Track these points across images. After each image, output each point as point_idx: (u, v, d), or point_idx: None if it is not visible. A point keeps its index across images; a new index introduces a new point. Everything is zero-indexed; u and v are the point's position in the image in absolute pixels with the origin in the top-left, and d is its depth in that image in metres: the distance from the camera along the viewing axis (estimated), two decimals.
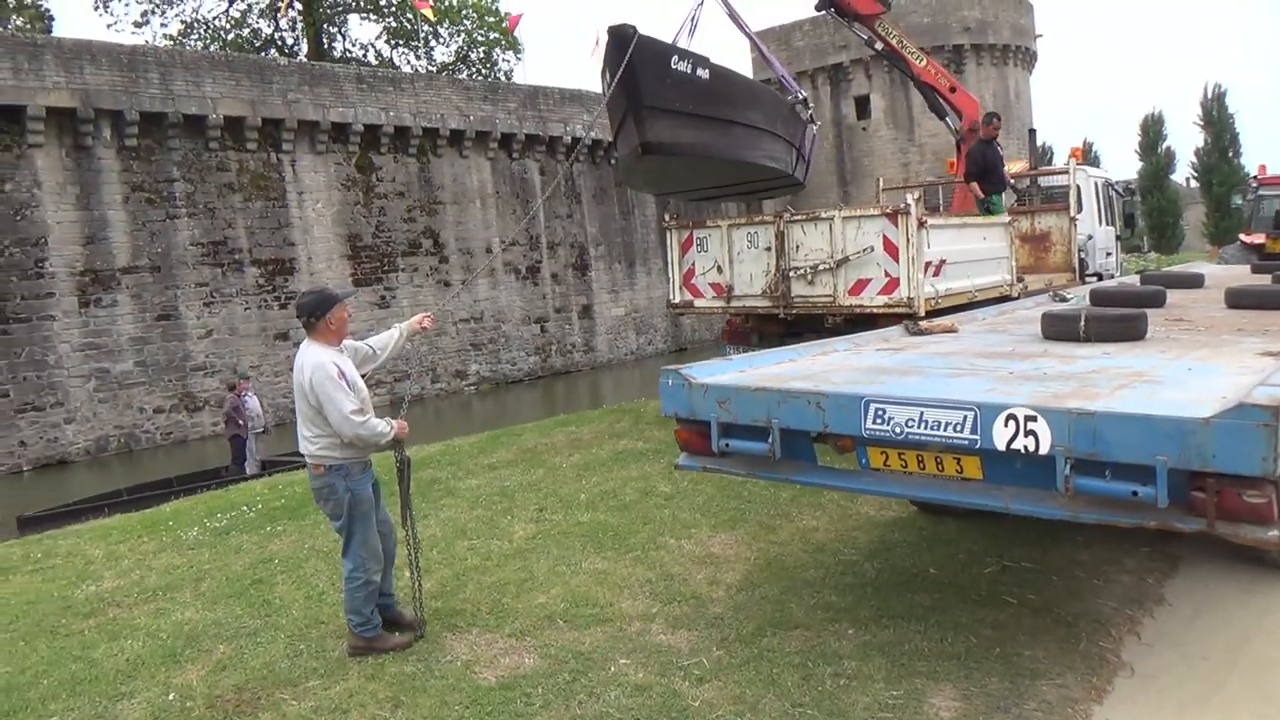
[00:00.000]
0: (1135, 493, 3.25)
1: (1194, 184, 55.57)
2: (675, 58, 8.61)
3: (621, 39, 8.17)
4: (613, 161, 29.53)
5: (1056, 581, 5.02)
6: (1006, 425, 3.48)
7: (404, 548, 4.85)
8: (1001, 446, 3.49)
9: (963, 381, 4.17)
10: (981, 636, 4.36)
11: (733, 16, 11.53)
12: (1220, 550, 5.10)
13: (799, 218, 8.43)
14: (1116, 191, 13.91)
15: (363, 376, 4.58)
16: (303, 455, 4.52)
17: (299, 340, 18.18)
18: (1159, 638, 4.39)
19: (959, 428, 3.60)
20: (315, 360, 4.30)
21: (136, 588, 5.76)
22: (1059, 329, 5.39)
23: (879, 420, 3.80)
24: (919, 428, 3.69)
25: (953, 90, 13.80)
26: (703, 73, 8.82)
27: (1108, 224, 13.15)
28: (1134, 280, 9.73)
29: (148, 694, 4.25)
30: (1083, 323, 5.25)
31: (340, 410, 4.22)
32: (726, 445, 4.31)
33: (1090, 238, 12.24)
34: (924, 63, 14.13)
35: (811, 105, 11.85)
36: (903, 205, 7.74)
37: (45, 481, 18.19)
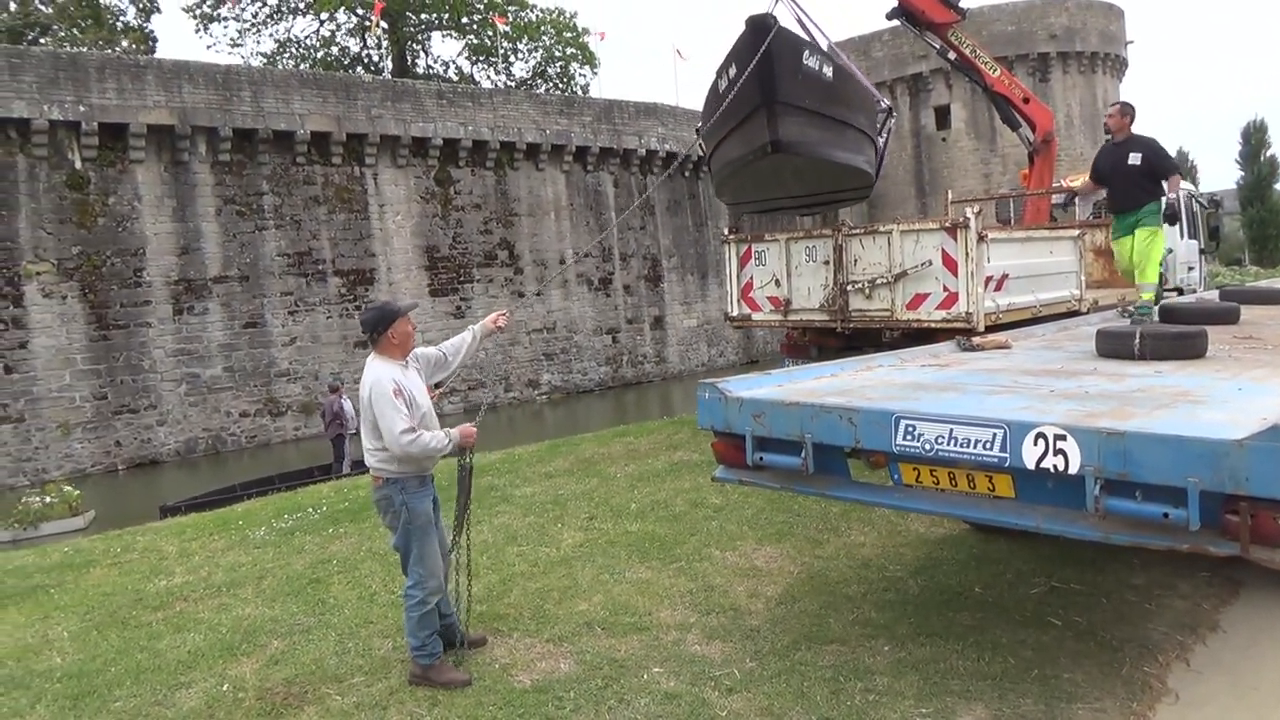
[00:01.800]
0: (1167, 515, 3.18)
1: None
2: (807, 52, 8.52)
3: (760, 28, 8.00)
4: (705, 169, 29.67)
5: (1106, 604, 4.90)
6: (1036, 444, 3.44)
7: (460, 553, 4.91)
8: (1031, 465, 3.45)
9: (999, 399, 4.12)
10: (1020, 657, 4.29)
11: (803, 24, 11.44)
12: None
13: (857, 231, 8.38)
14: (1201, 204, 13.38)
15: (438, 385, 4.61)
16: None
17: None
18: (1209, 664, 4.25)
19: (989, 445, 3.57)
20: (375, 376, 4.35)
21: (204, 583, 6.07)
22: (1113, 346, 5.26)
23: (909, 436, 3.79)
24: (949, 444, 3.67)
25: (1026, 101, 13.50)
26: (828, 70, 8.71)
27: (1190, 237, 12.67)
28: (1213, 295, 9.38)
29: (204, 684, 4.49)
30: (1137, 340, 5.12)
31: (391, 429, 4.24)
32: (761, 459, 4.34)
33: (1170, 251, 11.81)
34: (997, 73, 13.86)
35: (895, 114, 11.77)
36: (962, 219, 7.63)
37: (139, 480, 19.13)
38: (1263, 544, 3.10)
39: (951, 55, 13.73)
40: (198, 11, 35.91)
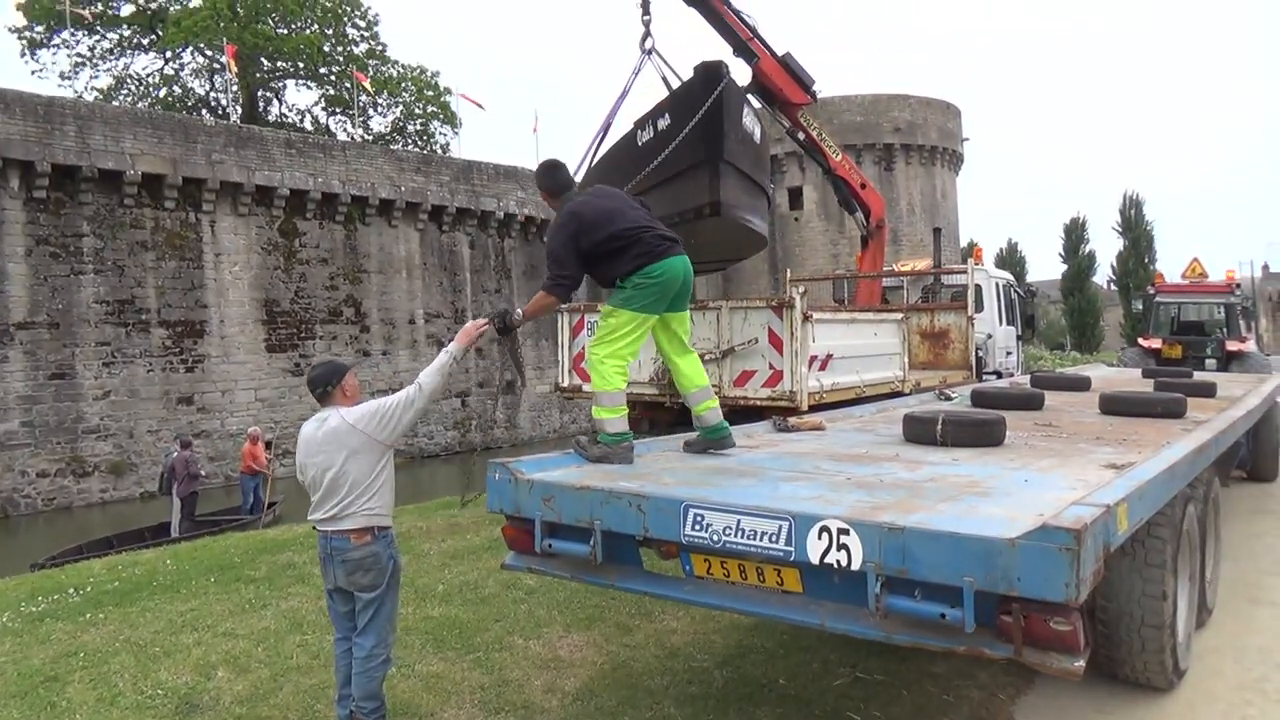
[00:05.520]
0: (944, 615, 3.06)
1: (1114, 287, 57.85)
2: (746, 109, 8.04)
3: (712, 76, 7.39)
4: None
5: (906, 696, 4.79)
6: (820, 538, 3.29)
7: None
8: (815, 560, 3.29)
9: (793, 487, 3.98)
10: None
11: (667, 81, 11.46)
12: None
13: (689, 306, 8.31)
14: (1018, 292, 14.22)
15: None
16: (328, 527, 4.13)
17: (203, 405, 17.49)
18: None
19: (774, 538, 3.40)
20: (357, 411, 4.21)
21: None
22: (918, 432, 5.27)
23: (698, 527, 3.58)
24: (736, 536, 3.48)
25: (863, 186, 14.07)
26: (758, 131, 8.29)
27: (1009, 324, 13.39)
28: (1025, 380, 9.81)
29: None
30: (939, 426, 5.15)
31: (405, 407, 4.23)
32: (550, 545, 4.04)
33: (990, 336, 12.42)
34: (839, 156, 14.41)
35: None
36: (787, 297, 7.68)
37: None
38: (1035, 646, 3.01)
39: (800, 135, 14.19)
40: (26, 35, 33.65)
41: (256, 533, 10.74)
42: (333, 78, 37.36)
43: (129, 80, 36.26)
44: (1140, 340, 17.14)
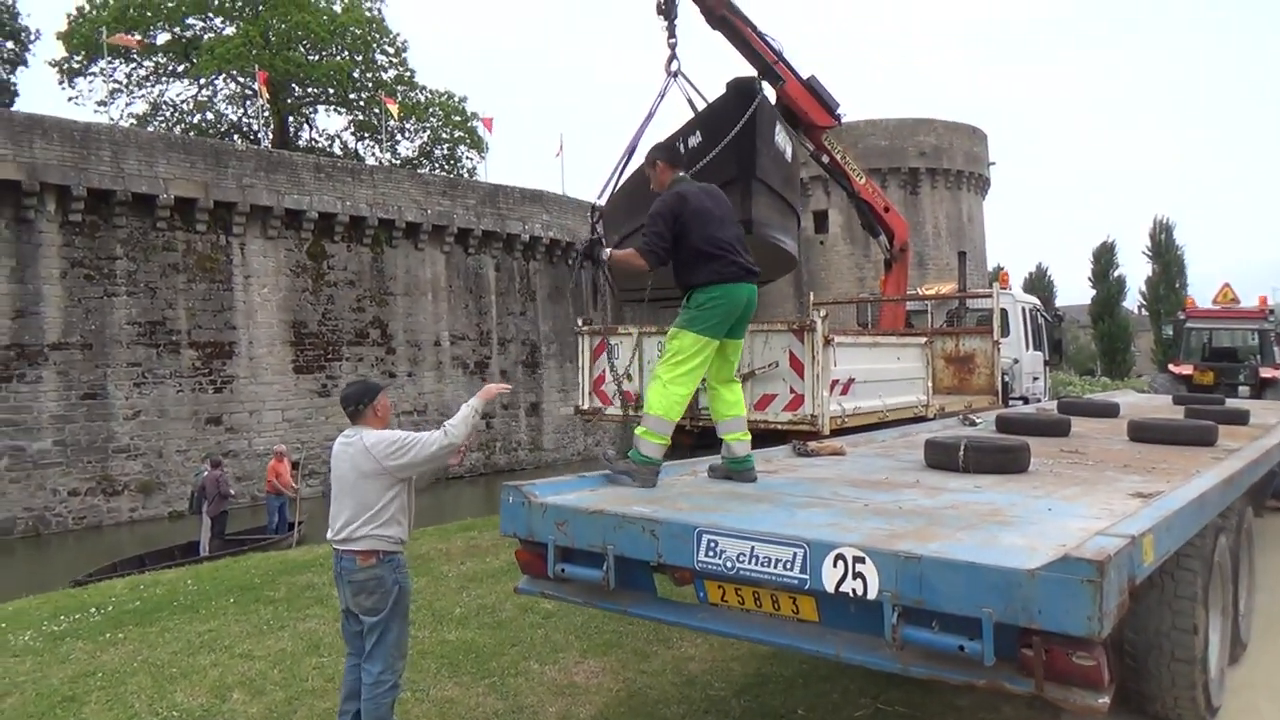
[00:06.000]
0: (962, 647, 2.98)
1: (1145, 312, 57.05)
2: (778, 126, 7.88)
3: (745, 93, 7.23)
4: (577, 261, 29.63)
5: None
6: (836, 565, 3.22)
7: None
8: (830, 588, 3.23)
9: (810, 513, 3.91)
10: None
11: (692, 103, 11.45)
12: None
13: None
14: (1045, 317, 14.05)
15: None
16: (339, 546, 4.17)
17: (232, 425, 17.67)
18: None
19: (789, 565, 3.34)
20: (376, 435, 4.21)
21: None
22: (939, 457, 5.18)
23: (711, 553, 3.53)
24: (750, 563, 3.43)
25: (886, 210, 14.02)
26: (789, 149, 8.12)
27: (1035, 349, 13.22)
28: (1051, 406, 9.67)
29: None
30: (961, 452, 5.06)
31: (426, 446, 4.16)
32: (563, 570, 4.00)
33: (1016, 362, 12.27)
34: (863, 180, 14.37)
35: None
36: (809, 321, 7.63)
37: None
38: (1056, 682, 2.92)
39: (824, 159, 14.17)
40: (65, 66, 34.46)
41: (277, 553, 10.79)
42: (362, 103, 37.93)
43: (164, 106, 37.05)
44: (1171, 366, 16.85)
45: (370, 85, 37.54)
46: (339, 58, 36.43)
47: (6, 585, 12.73)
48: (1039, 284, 58.61)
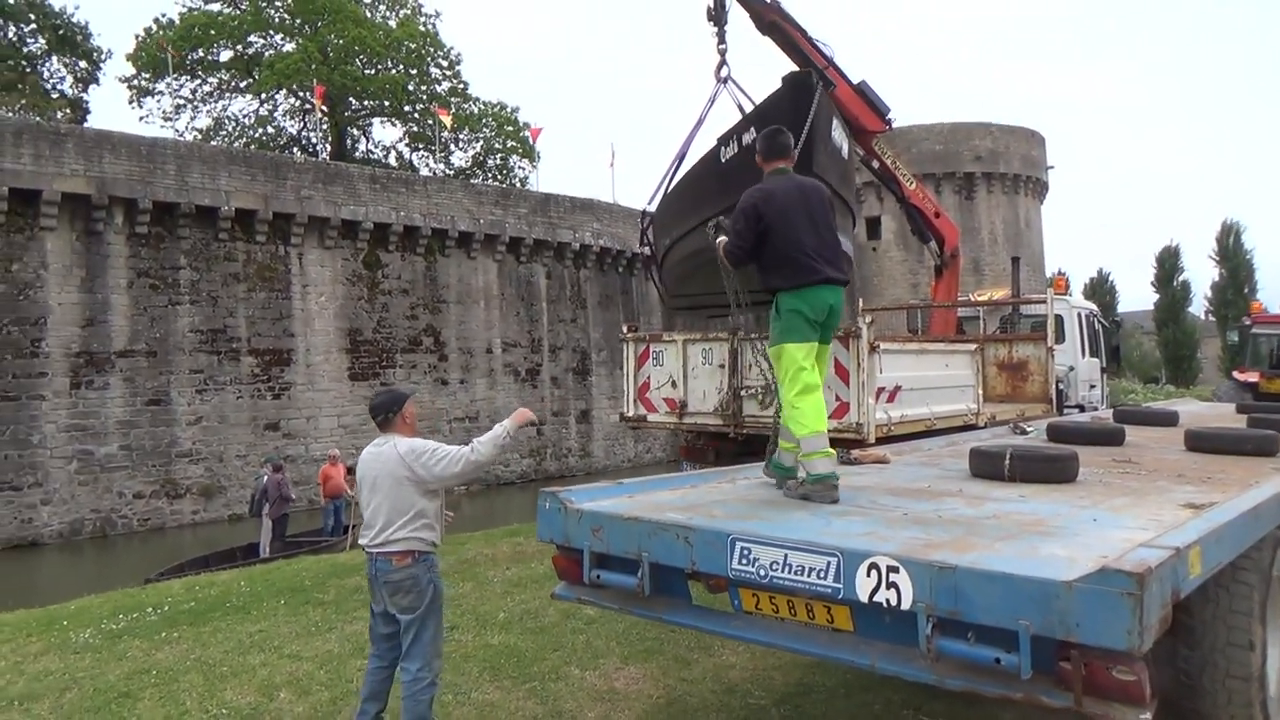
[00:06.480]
0: (999, 660, 2.92)
1: (1211, 318, 55.29)
2: (835, 122, 7.76)
3: (802, 87, 7.08)
4: (651, 265, 29.63)
5: None
6: (869, 575, 3.19)
7: None
8: (864, 598, 3.19)
9: (846, 522, 3.88)
10: None
11: (741, 108, 11.35)
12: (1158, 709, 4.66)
13: (752, 336, 8.24)
14: (1103, 324, 13.71)
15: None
16: (375, 549, 4.28)
17: (289, 431, 18.11)
18: None
19: (822, 574, 3.31)
20: (408, 443, 4.33)
21: None
22: (984, 466, 5.09)
23: (744, 561, 3.51)
24: (783, 571, 3.40)
25: (937, 215, 13.82)
26: (845, 146, 7.95)
27: (1092, 355, 12.91)
28: (1107, 415, 9.42)
29: None
30: (1007, 461, 4.96)
31: (454, 460, 4.26)
32: (598, 576, 4.01)
33: (1071, 369, 11.99)
34: (914, 185, 14.20)
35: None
36: (854, 327, 7.55)
37: (13, 563, 17.87)
38: (1096, 696, 2.85)
39: (875, 164, 14.03)
40: (134, 83, 35.69)
41: (328, 556, 11.00)
42: (416, 115, 38.61)
43: (227, 121, 38.18)
44: (1235, 373, 16.31)
45: (425, 98, 38.22)
46: (394, 71, 37.17)
47: (74, 584, 13.19)
48: (1100, 290, 57.13)
